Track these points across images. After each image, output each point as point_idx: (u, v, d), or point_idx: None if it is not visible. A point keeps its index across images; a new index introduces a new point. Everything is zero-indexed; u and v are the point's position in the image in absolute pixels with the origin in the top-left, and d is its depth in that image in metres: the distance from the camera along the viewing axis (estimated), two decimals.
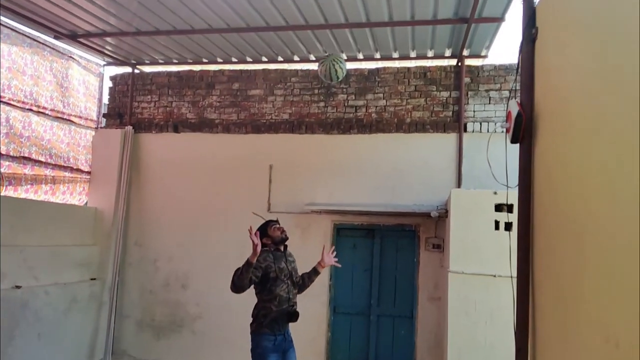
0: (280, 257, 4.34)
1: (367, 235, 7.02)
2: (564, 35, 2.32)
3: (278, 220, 4.58)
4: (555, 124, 2.39)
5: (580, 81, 2.04)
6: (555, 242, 2.29)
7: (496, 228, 4.98)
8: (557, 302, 2.17)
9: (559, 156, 2.30)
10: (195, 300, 7.29)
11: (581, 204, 1.94)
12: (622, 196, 1.53)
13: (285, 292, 4.23)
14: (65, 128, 7.54)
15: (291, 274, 4.35)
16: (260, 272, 4.10)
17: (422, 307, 6.64)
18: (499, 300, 4.72)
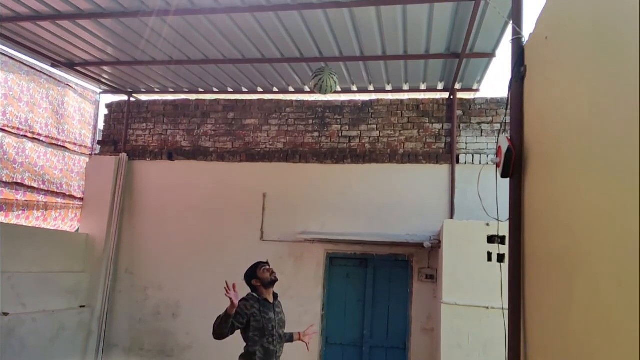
0: (268, 306, 4.14)
1: (360, 265, 7.01)
2: (552, 73, 2.40)
3: (268, 262, 4.42)
4: (544, 159, 2.45)
5: (568, 118, 2.11)
6: (545, 276, 2.32)
7: (489, 259, 5.00)
8: (547, 336, 2.19)
9: (548, 191, 2.35)
10: (185, 329, 7.20)
11: (569, 239, 1.98)
12: (609, 233, 1.57)
13: (271, 345, 4.03)
14: (60, 154, 7.55)
15: (277, 326, 4.15)
16: (244, 319, 3.98)
17: (415, 339, 6.59)
18: (492, 332, 4.71)
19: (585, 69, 1.93)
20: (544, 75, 2.55)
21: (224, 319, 3.84)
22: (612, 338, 1.46)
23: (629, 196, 1.41)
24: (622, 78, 1.52)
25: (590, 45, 1.88)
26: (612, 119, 1.58)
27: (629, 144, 1.43)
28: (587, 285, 1.72)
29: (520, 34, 2.93)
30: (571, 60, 2.12)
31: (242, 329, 4.02)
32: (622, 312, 1.40)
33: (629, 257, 1.38)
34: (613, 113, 1.58)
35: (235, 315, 3.88)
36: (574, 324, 1.83)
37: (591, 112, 1.81)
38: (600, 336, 1.55)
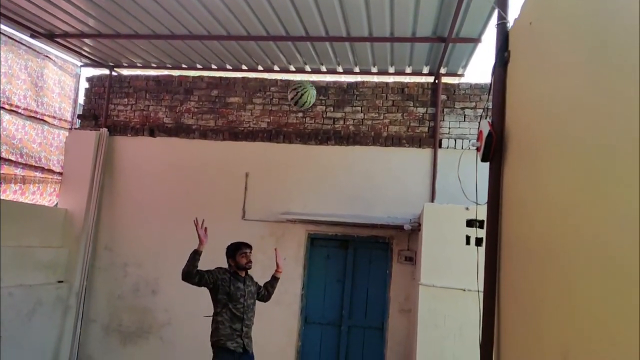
0: (238, 278, 4.58)
1: (340, 246, 7.06)
2: (535, 59, 2.41)
3: (251, 247, 4.75)
4: (524, 144, 2.47)
5: (549, 104, 2.13)
6: (520, 259, 2.37)
7: (467, 243, 5.08)
8: (520, 319, 2.24)
9: (526, 176, 2.38)
10: (164, 306, 7.20)
11: (545, 224, 2.02)
12: (585, 219, 1.60)
13: (239, 312, 4.46)
14: (38, 128, 7.40)
15: (247, 296, 4.56)
16: (211, 279, 4.42)
17: (393, 319, 6.70)
18: (468, 314, 4.80)
19: (568, 56, 1.94)
20: (527, 61, 2.56)
21: (192, 255, 4.35)
22: (585, 322, 1.49)
23: (607, 183, 1.43)
24: (604, 66, 1.54)
25: (574, 32, 1.89)
26: (593, 106, 1.60)
27: (609, 132, 1.45)
28: (561, 270, 1.76)
29: (505, 19, 2.93)
30: (554, 47, 2.13)
31: (211, 293, 4.47)
32: (594, 297, 1.44)
33: (604, 243, 1.41)
34: (594, 100, 1.60)
35: (208, 272, 4.39)
36: (547, 308, 1.87)
37: (572, 98, 1.83)
38: (573, 320, 1.59)
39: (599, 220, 1.45)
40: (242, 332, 4.44)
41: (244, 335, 4.45)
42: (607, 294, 1.33)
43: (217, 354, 4.37)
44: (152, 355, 7.11)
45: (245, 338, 4.47)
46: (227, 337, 4.36)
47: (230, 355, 4.34)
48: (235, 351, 4.36)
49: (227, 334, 4.37)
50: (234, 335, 4.39)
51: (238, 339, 4.40)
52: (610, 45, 1.49)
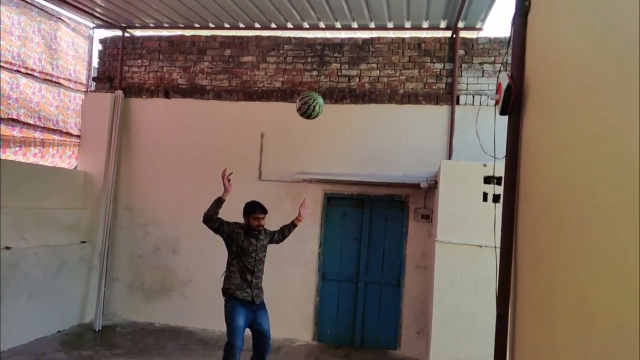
0: (252, 235, 4.75)
1: (357, 205, 7.09)
2: (556, 9, 2.32)
3: (266, 212, 4.85)
4: (544, 97, 2.41)
5: (570, 56, 2.06)
6: (538, 213, 2.35)
7: (484, 200, 5.05)
8: (536, 271, 2.24)
9: (545, 129, 2.33)
10: (185, 265, 7.37)
11: (564, 177, 1.98)
12: (603, 173, 1.56)
13: (250, 265, 4.67)
14: (54, 91, 7.44)
15: (258, 250, 4.76)
16: (227, 231, 4.67)
17: (409, 276, 6.78)
18: (484, 270, 4.83)
19: (591, 5, 1.86)
20: (548, 10, 2.47)
21: (215, 202, 4.63)
22: (601, 275, 1.49)
23: (626, 136, 1.40)
24: (629, 15, 1.47)
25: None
26: (615, 57, 1.54)
27: (630, 84, 1.40)
28: (579, 220, 1.74)
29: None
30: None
31: (225, 243, 4.73)
32: (612, 245, 1.43)
33: (622, 196, 1.38)
34: (616, 51, 1.54)
35: (226, 223, 4.65)
36: (564, 258, 1.87)
37: (594, 49, 1.76)
38: (590, 268, 1.58)
39: (618, 172, 1.42)
40: (251, 283, 4.65)
41: (253, 286, 4.66)
42: (624, 243, 1.31)
43: (227, 301, 4.64)
44: (175, 311, 7.33)
45: (255, 289, 4.67)
46: (237, 287, 4.61)
47: (239, 303, 4.58)
48: (244, 300, 4.60)
49: (237, 284, 4.62)
50: (244, 286, 4.63)
51: (248, 289, 4.63)
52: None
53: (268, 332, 4.67)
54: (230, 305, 4.59)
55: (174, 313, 7.34)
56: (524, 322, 2.39)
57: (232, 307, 4.57)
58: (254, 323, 4.63)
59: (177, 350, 6.29)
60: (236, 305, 4.56)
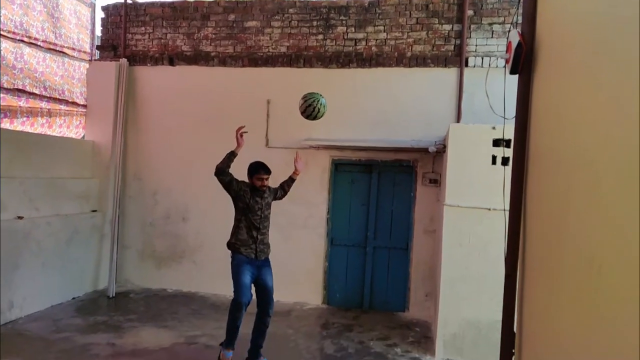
0: (258, 193, 4.86)
1: (365, 171, 7.08)
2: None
3: (269, 173, 4.89)
4: (556, 55, 2.35)
5: (584, 13, 2.00)
6: (547, 173, 2.32)
7: (493, 163, 5.01)
8: (545, 232, 2.23)
9: (556, 89, 2.28)
10: (195, 232, 7.45)
11: (574, 138, 1.95)
12: (615, 132, 1.53)
13: (256, 222, 4.81)
14: (58, 60, 7.39)
15: (264, 208, 4.88)
16: (236, 188, 4.77)
17: (417, 240, 6.81)
18: (492, 232, 4.83)
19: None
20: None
21: (228, 155, 4.74)
22: (611, 230, 1.48)
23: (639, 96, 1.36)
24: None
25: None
26: (630, 14, 1.49)
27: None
28: (589, 179, 1.72)
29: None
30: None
31: (233, 200, 4.83)
32: (623, 202, 1.41)
33: (634, 155, 1.36)
34: (631, 8, 1.48)
35: (236, 180, 4.76)
36: (574, 217, 1.86)
37: (609, 4, 1.70)
38: (600, 227, 1.57)
39: (630, 132, 1.39)
40: (257, 239, 4.80)
41: (258, 242, 4.81)
42: (635, 199, 1.30)
43: (233, 259, 4.79)
44: (186, 277, 7.46)
45: (260, 245, 4.82)
46: (242, 243, 4.77)
47: (245, 261, 4.73)
48: (248, 256, 4.74)
49: (243, 239, 4.77)
50: (250, 242, 4.78)
51: (252, 245, 4.78)
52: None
53: (271, 287, 4.83)
54: (237, 263, 4.74)
55: (185, 279, 7.46)
56: (532, 282, 2.40)
57: (239, 266, 4.72)
58: (259, 279, 4.79)
59: (190, 314, 6.42)
60: (242, 264, 4.72)
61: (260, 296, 4.82)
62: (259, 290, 4.83)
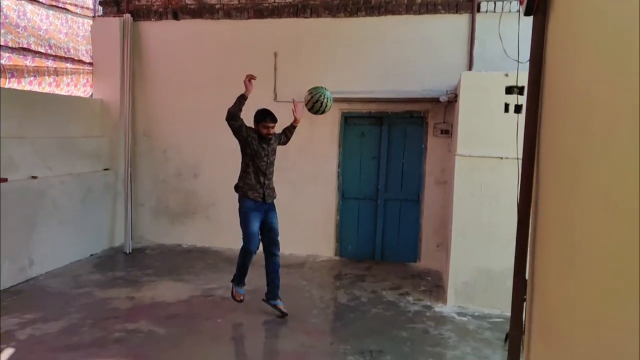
0: (264, 140, 4.95)
1: (375, 123, 7.00)
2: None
3: (275, 121, 4.94)
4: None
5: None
6: (561, 116, 2.26)
7: (505, 111, 4.90)
8: (559, 176, 2.19)
9: (572, 30, 2.19)
10: (207, 188, 7.50)
11: (590, 77, 1.88)
12: (631, 74, 1.47)
13: (263, 168, 4.93)
14: (62, 17, 7.27)
15: (270, 154, 5.00)
16: (245, 134, 4.83)
17: (429, 191, 6.80)
18: (505, 181, 4.80)
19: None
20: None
21: (239, 99, 4.76)
22: (626, 174, 1.44)
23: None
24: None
25: None
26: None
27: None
28: (603, 126, 1.67)
29: None
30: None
31: (241, 146, 4.93)
32: (636, 149, 1.37)
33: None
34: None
35: (245, 126, 4.81)
36: (588, 161, 1.82)
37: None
38: (614, 173, 1.54)
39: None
40: (264, 184, 4.94)
41: (265, 187, 4.95)
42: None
43: (241, 206, 4.92)
44: (200, 233, 7.56)
45: (267, 189, 4.96)
46: (249, 187, 4.89)
47: (253, 203, 4.87)
48: (255, 200, 4.88)
49: (251, 184, 4.90)
50: (257, 186, 4.91)
51: (260, 189, 4.92)
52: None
53: (277, 229, 5.02)
54: (245, 211, 4.87)
55: (199, 234, 7.57)
56: (545, 227, 2.38)
57: (247, 213, 4.86)
58: (265, 222, 4.95)
59: (205, 268, 6.55)
60: (250, 211, 4.86)
61: (266, 238, 4.99)
62: (265, 232, 4.98)
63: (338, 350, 4.31)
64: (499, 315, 5.04)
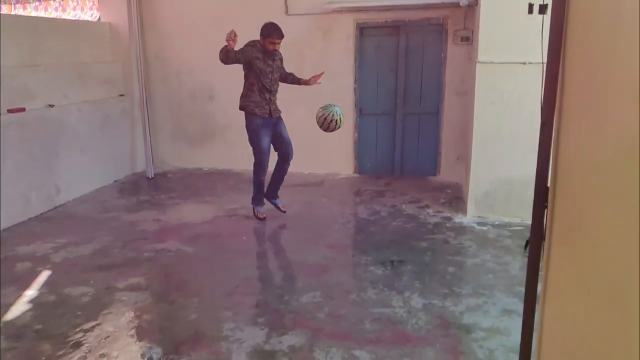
0: (268, 56, 4.97)
1: (391, 33, 6.71)
2: None
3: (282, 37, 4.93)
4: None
5: None
6: (592, 10, 2.10)
7: (529, 12, 4.62)
8: (586, 73, 2.07)
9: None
10: (223, 111, 7.44)
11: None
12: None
13: (267, 85, 4.99)
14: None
15: (274, 71, 5.04)
16: (244, 59, 4.85)
17: (448, 103, 6.64)
18: (527, 88, 4.63)
19: None
20: None
21: (225, 49, 4.70)
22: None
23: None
24: None
25: None
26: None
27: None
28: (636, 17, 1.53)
29: None
30: None
31: (244, 67, 4.97)
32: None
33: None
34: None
35: (243, 53, 4.80)
36: (619, 55, 1.70)
37: None
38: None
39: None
40: (269, 100, 5.04)
41: (271, 103, 5.06)
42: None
43: (249, 120, 5.06)
44: (219, 156, 7.60)
45: (272, 105, 5.07)
46: (256, 104, 5.00)
47: (261, 119, 5.02)
48: (263, 116, 5.02)
49: (257, 101, 5.00)
50: (263, 103, 5.02)
51: (266, 106, 5.03)
52: None
53: (289, 138, 5.21)
54: (254, 128, 5.03)
55: (219, 157, 7.62)
56: (570, 129, 2.29)
57: (257, 131, 5.03)
58: (275, 134, 5.13)
59: (227, 189, 6.65)
60: (259, 128, 5.02)
61: (280, 149, 5.21)
62: (277, 144, 5.19)
63: (360, 261, 4.42)
64: (520, 224, 5.06)
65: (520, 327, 2.62)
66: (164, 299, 3.84)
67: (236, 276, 4.21)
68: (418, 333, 3.26)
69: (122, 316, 3.57)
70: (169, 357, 3.07)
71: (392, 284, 3.93)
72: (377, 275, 4.11)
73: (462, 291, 3.82)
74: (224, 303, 3.73)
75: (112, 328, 3.41)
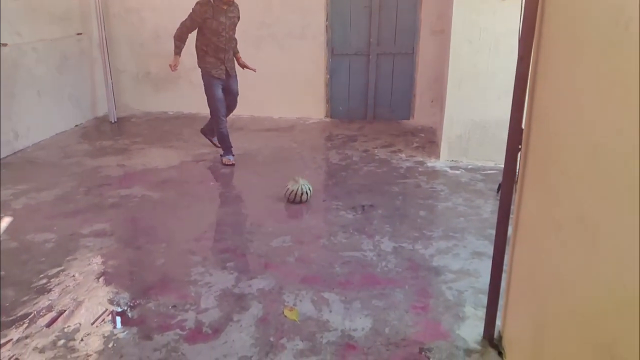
0: (220, 12, 4.77)
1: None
2: None
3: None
4: None
5: None
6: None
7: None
8: (565, 10, 1.93)
9: None
10: (188, 51, 7.03)
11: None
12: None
13: (222, 44, 4.89)
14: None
15: (228, 28, 4.87)
16: (196, 25, 4.81)
17: (424, 42, 6.45)
18: (506, 24, 4.48)
19: None
20: None
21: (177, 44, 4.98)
22: None
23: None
24: None
25: None
26: None
27: None
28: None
29: None
30: None
31: (199, 30, 4.89)
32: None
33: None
34: None
35: (192, 19, 4.78)
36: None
37: None
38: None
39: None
40: (224, 60, 4.98)
41: (226, 61, 5.00)
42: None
43: (205, 78, 5.05)
44: (186, 99, 7.29)
45: (228, 63, 5.03)
46: (212, 65, 4.95)
47: (218, 80, 5.01)
48: (220, 77, 5.00)
49: (212, 62, 4.95)
50: (218, 63, 4.96)
51: (222, 66, 4.98)
52: None
53: (237, 91, 5.25)
54: (209, 83, 5.02)
55: (184, 101, 7.32)
56: (547, 64, 2.17)
57: (212, 85, 5.01)
58: (226, 87, 5.12)
59: (194, 135, 6.40)
60: (214, 82, 5.01)
61: (227, 100, 5.21)
62: (226, 95, 5.17)
63: (330, 206, 4.35)
64: (493, 168, 5.02)
65: (490, 269, 2.60)
66: (130, 244, 3.72)
67: (204, 222, 4.10)
68: (387, 275, 3.23)
69: (87, 262, 3.46)
70: (137, 302, 2.99)
71: (363, 228, 3.88)
72: (348, 219, 4.05)
73: (432, 234, 3.79)
74: (192, 248, 3.64)
75: (78, 274, 3.30)
